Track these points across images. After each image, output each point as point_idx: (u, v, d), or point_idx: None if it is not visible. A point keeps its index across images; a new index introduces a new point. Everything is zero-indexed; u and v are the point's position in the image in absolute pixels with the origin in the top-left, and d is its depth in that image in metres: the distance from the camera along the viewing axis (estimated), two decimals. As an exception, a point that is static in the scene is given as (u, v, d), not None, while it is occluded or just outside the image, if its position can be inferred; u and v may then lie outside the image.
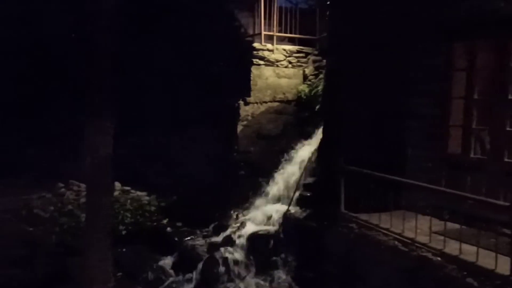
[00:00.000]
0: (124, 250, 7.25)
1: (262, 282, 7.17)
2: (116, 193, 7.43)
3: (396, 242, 4.44)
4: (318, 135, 8.63)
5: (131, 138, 8.37)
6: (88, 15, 4.53)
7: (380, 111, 5.89)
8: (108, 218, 4.84)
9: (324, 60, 9.35)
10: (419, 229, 4.41)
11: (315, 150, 8.43)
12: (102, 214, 4.63)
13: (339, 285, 5.23)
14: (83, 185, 8.16)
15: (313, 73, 10.27)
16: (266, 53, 10.15)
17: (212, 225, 8.70)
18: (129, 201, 8.14)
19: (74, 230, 7.04)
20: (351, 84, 6.39)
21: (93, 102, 4.54)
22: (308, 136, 9.43)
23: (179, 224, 8.54)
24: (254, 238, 7.80)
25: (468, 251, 3.86)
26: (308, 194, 8.06)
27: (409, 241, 4.31)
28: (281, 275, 7.19)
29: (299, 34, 10.64)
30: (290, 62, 10.36)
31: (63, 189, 8.32)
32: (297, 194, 8.39)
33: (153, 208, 8.30)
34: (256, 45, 10.08)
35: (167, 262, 7.57)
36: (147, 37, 8.27)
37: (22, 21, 10.25)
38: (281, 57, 10.29)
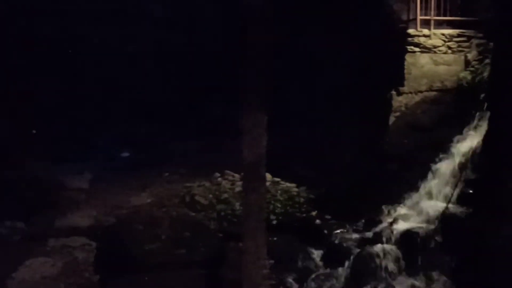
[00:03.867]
0: (275, 239, 7.46)
1: (417, 283, 6.74)
2: (267, 184, 7.68)
3: None
4: (483, 126, 7.80)
5: (281, 130, 8.58)
6: (243, 9, 4.69)
7: None
8: (263, 207, 4.99)
9: (491, 43, 8.39)
10: None
11: (479, 142, 7.64)
12: (257, 203, 4.79)
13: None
14: (237, 175, 8.64)
15: (476, 58, 9.28)
16: (421, 39, 9.47)
17: (362, 220, 8.44)
18: (279, 192, 8.38)
19: (230, 217, 7.51)
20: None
21: (249, 95, 4.71)
22: (469, 127, 8.58)
23: (328, 216, 8.50)
24: (408, 235, 7.36)
25: None
26: (471, 191, 7.35)
27: None
28: (438, 277, 6.69)
29: (460, 16, 9.73)
30: (449, 48, 9.49)
31: (219, 178, 8.92)
32: (457, 190, 7.71)
33: (302, 200, 8.42)
34: (410, 31, 9.45)
35: (316, 253, 7.57)
36: (297, 26, 8.36)
37: (178, 22, 11.24)
38: (439, 42, 9.52)
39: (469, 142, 8.34)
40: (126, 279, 6.45)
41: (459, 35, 9.58)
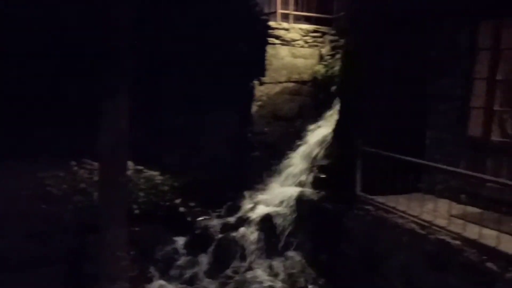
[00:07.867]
0: (137, 229, 7.25)
1: (275, 263, 7.14)
2: (129, 172, 7.41)
3: (414, 225, 4.36)
4: (334, 116, 8.50)
5: (145, 118, 8.32)
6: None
7: (400, 92, 5.76)
8: (123, 196, 4.82)
9: (341, 40, 9.14)
10: (437, 212, 4.32)
11: (331, 131, 8.31)
12: (117, 192, 4.60)
13: (355, 267, 5.19)
14: (96, 164, 8.17)
15: (329, 53, 10.06)
16: (282, 32, 9.94)
17: (225, 206, 8.67)
18: (142, 180, 8.13)
19: (88, 208, 7.07)
20: (369, 65, 6.24)
21: (109, 81, 4.48)
22: (323, 117, 9.29)
23: (192, 204, 8.52)
24: (267, 219, 7.75)
25: (489, 236, 3.76)
26: (323, 176, 7.97)
27: (427, 224, 4.23)
28: (295, 256, 7.16)
29: (316, 13, 10.42)
30: (306, 42, 10.13)
31: (75, 168, 8.34)
32: (311, 175, 8.30)
33: (166, 188, 8.28)
34: (271, 23, 9.86)
35: (180, 242, 7.57)
36: (161, 17, 8.14)
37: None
38: (297, 36, 10.08)
39: (322, 131, 9.02)
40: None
41: (315, 31, 10.25)
